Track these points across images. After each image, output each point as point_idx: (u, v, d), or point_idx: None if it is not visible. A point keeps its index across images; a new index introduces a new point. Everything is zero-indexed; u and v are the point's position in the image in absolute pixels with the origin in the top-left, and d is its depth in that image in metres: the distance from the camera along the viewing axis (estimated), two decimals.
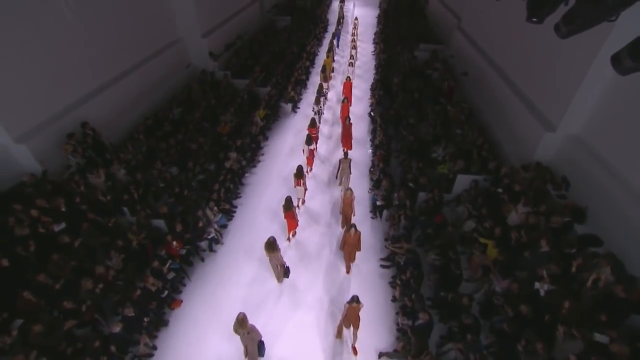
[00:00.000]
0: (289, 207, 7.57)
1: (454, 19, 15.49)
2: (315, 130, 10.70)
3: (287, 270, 7.20)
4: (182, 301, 6.89)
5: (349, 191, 7.85)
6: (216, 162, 9.55)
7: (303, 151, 9.94)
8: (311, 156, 10.15)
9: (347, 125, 10.60)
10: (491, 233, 6.76)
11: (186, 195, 8.18)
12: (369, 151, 11.08)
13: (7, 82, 6.93)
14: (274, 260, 6.83)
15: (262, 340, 5.69)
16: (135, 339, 5.79)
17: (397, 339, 6.16)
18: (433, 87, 12.65)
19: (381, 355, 5.93)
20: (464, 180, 8.19)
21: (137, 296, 6.02)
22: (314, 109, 12.21)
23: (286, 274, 7.20)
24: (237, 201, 9.23)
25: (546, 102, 7.90)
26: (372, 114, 12.55)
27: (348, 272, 7.41)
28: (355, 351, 5.99)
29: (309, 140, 9.69)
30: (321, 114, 12.70)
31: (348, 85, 13.04)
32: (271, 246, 6.61)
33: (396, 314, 6.54)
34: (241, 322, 5.29)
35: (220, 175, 8.93)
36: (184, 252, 7.33)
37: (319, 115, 12.26)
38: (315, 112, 12.05)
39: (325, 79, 14.19)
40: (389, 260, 7.56)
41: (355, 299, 5.59)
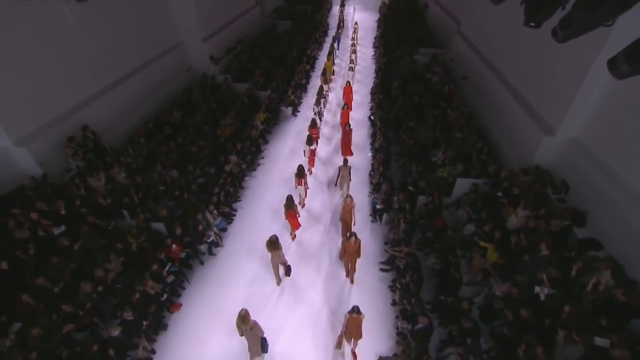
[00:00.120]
0: (290, 205, 7.61)
1: (454, 23, 15.58)
2: (316, 130, 10.77)
3: (289, 269, 7.23)
4: (181, 305, 6.88)
5: (348, 198, 7.70)
6: (216, 165, 9.57)
7: (304, 152, 10.01)
8: (312, 156, 10.22)
9: (347, 131, 10.52)
10: (491, 237, 6.75)
11: (186, 199, 8.19)
12: (369, 155, 11.09)
13: (8, 85, 6.96)
14: (275, 258, 6.81)
15: (265, 337, 5.69)
16: (134, 343, 5.76)
17: (397, 343, 6.12)
18: (433, 91, 12.69)
19: (381, 359, 5.89)
20: (463, 184, 8.19)
21: (136, 300, 6.02)
22: (315, 110, 12.32)
23: (287, 272, 7.23)
24: (237, 204, 9.24)
25: (545, 106, 7.92)
26: (372, 117, 12.57)
27: (352, 282, 7.27)
28: (354, 356, 5.97)
29: (309, 140, 9.78)
30: (321, 115, 12.79)
31: (348, 90, 12.99)
32: (273, 244, 6.60)
33: (396, 317, 6.51)
34: (243, 318, 5.27)
35: (220, 179, 8.94)
36: (183, 255, 7.32)
37: (319, 117, 12.32)
38: (315, 113, 12.16)
39: (326, 81, 14.32)
40: (388, 264, 7.54)
41: (356, 309, 5.45)
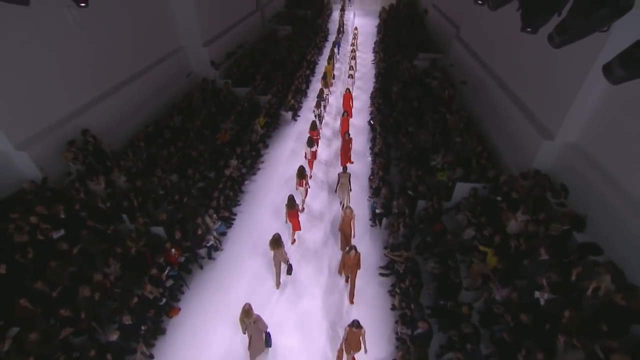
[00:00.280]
0: (292, 205, 7.70)
1: (453, 28, 15.67)
2: (317, 132, 10.89)
3: (290, 268, 7.33)
4: (180, 309, 6.85)
5: (348, 209, 7.53)
6: (216, 169, 9.58)
7: (305, 154, 10.11)
8: (313, 158, 10.31)
9: (347, 140, 10.33)
10: (490, 241, 6.73)
11: (186, 203, 8.19)
12: (369, 159, 11.10)
13: (9, 89, 6.99)
14: (278, 256, 6.91)
15: (269, 332, 5.80)
16: (132, 348, 5.72)
17: (396, 348, 6.09)
18: (432, 95, 12.74)
19: None
20: (463, 188, 8.19)
21: (135, 304, 5.99)
22: (315, 112, 12.43)
23: (289, 271, 7.32)
24: (236, 209, 9.23)
25: (544, 111, 7.94)
26: (371, 122, 12.60)
27: (352, 302, 6.97)
28: None
29: (310, 142, 9.90)
30: (322, 118, 12.93)
31: (347, 97, 12.84)
32: (276, 242, 6.74)
33: (395, 322, 6.48)
34: (247, 312, 5.40)
35: (220, 183, 8.95)
36: (182, 259, 7.31)
37: (319, 119, 12.43)
38: (316, 116, 12.26)
39: (326, 85, 14.44)
40: (388, 269, 7.52)
41: (356, 323, 5.32)
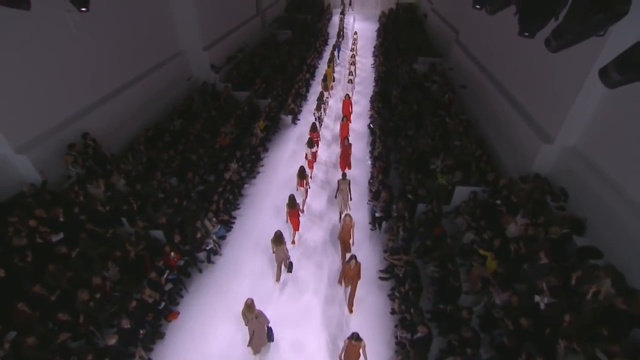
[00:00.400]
0: (292, 204, 7.83)
1: (452, 32, 15.73)
2: (317, 134, 11.04)
3: (291, 265, 7.45)
4: (179, 313, 6.83)
5: (347, 217, 7.43)
6: (216, 173, 9.58)
7: (306, 155, 10.23)
8: (313, 159, 10.45)
9: (347, 145, 10.23)
10: (490, 245, 6.72)
11: (185, 206, 8.19)
12: (368, 163, 11.11)
13: (9, 92, 7.00)
14: (279, 253, 7.05)
15: (271, 327, 5.92)
16: (131, 352, 5.69)
17: (396, 352, 6.05)
18: (432, 99, 12.77)
19: None
20: (462, 192, 8.18)
21: (133, 308, 5.98)
22: (315, 114, 12.58)
23: (289, 268, 7.44)
24: (236, 212, 9.23)
25: (543, 114, 7.95)
26: (371, 125, 12.63)
27: (350, 311, 6.88)
28: None
29: (310, 143, 10.04)
30: (322, 120, 13.07)
31: (347, 102, 12.76)
32: (278, 239, 6.91)
33: (395, 326, 6.46)
34: (249, 307, 5.50)
35: (220, 187, 8.95)
36: (182, 263, 7.29)
37: (319, 121, 12.56)
38: (316, 118, 12.38)
39: (326, 87, 14.55)
40: (387, 272, 7.50)
41: (355, 336, 5.24)
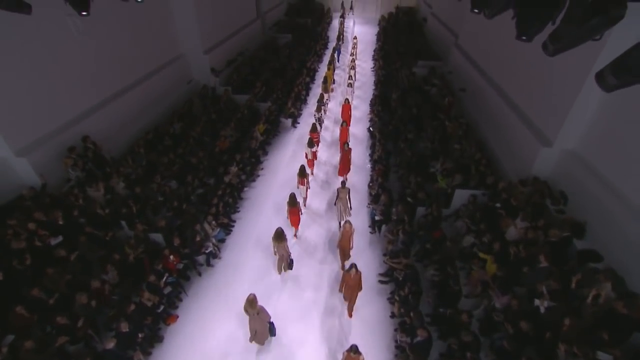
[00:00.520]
0: (293, 203, 7.91)
1: (451, 36, 15.80)
2: (317, 134, 11.12)
3: (291, 263, 7.48)
4: (177, 316, 6.81)
5: (347, 224, 7.25)
6: (215, 176, 9.59)
7: (306, 154, 10.30)
8: (313, 158, 10.53)
9: (346, 151, 10.06)
10: (490, 248, 6.71)
11: (185, 209, 8.19)
12: (368, 166, 11.12)
13: (9, 95, 7.02)
14: (280, 250, 7.12)
15: (272, 322, 6.00)
16: (129, 356, 5.64)
17: (396, 356, 6.04)
18: (431, 102, 12.80)
19: None
20: (462, 195, 8.18)
21: (132, 311, 5.95)
22: (315, 116, 12.68)
23: (290, 266, 7.47)
24: (235, 215, 9.22)
25: (542, 118, 7.96)
26: (371, 129, 12.65)
27: (350, 316, 6.82)
28: None
29: (310, 143, 10.11)
30: (322, 121, 13.17)
31: (346, 107, 12.62)
32: (279, 236, 6.97)
33: (394, 330, 6.43)
34: (251, 303, 5.55)
35: (219, 190, 8.95)
36: (181, 266, 7.27)
37: (319, 122, 12.66)
38: (316, 119, 12.47)
39: (326, 90, 14.63)
40: (387, 276, 7.49)
41: (354, 348, 5.15)
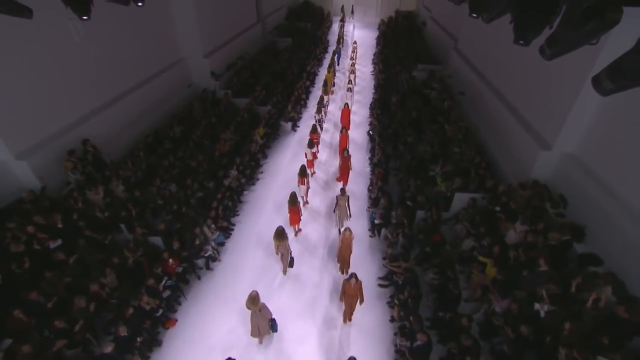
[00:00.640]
0: (294, 202, 8.04)
1: (451, 40, 15.86)
2: (317, 135, 11.23)
3: (292, 261, 7.61)
4: (176, 320, 6.78)
5: (347, 231, 7.14)
6: (215, 179, 9.59)
7: (305, 154, 10.40)
8: (313, 158, 10.64)
9: (346, 157, 9.91)
10: (490, 251, 6.69)
11: (184, 213, 8.18)
12: (368, 169, 11.14)
13: (9, 98, 7.03)
14: (282, 248, 7.22)
15: (274, 318, 6.12)
16: None
17: None
18: (431, 106, 12.84)
19: None
20: (462, 199, 8.19)
21: (131, 315, 5.93)
22: (316, 117, 12.81)
23: (291, 263, 7.61)
24: (235, 219, 9.22)
25: (541, 121, 7.98)
26: (370, 132, 12.68)
27: (349, 320, 6.66)
28: None
29: (310, 144, 10.20)
30: (322, 122, 13.29)
31: (346, 112, 12.57)
32: (280, 235, 7.10)
33: (394, 334, 6.40)
34: (253, 300, 5.62)
35: (219, 193, 8.95)
36: (180, 270, 7.26)
37: (320, 124, 12.78)
38: (316, 121, 12.56)
39: (326, 92, 14.73)
40: (386, 280, 7.47)
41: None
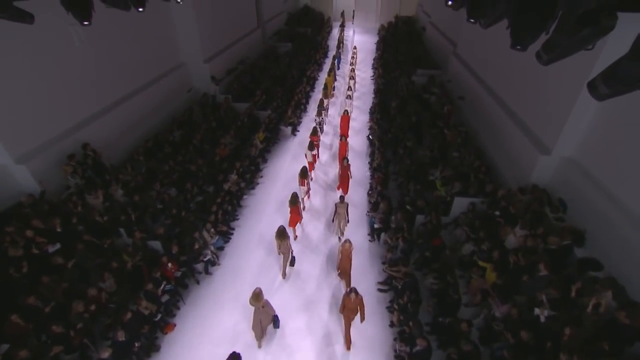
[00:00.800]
0: (295, 202, 8.14)
1: (450, 45, 15.94)
2: (317, 138, 11.29)
3: (293, 260, 7.76)
4: (175, 325, 6.75)
5: (347, 243, 7.08)
6: (215, 184, 9.60)
7: (305, 156, 10.47)
8: (313, 160, 10.71)
9: (345, 166, 9.71)
10: (490, 256, 6.67)
11: (184, 217, 8.17)
12: (367, 174, 11.14)
13: (10, 102, 7.07)
14: (283, 247, 7.34)
15: (277, 315, 6.23)
16: None
17: None
18: (430, 110, 12.87)
19: None
20: (461, 203, 8.18)
21: (129, 320, 5.90)
22: (316, 120, 12.94)
23: (292, 262, 7.73)
24: (234, 223, 9.21)
25: (540, 125, 7.99)
26: (370, 137, 12.70)
27: (348, 348, 6.32)
28: None
29: (311, 146, 10.28)
30: (322, 125, 13.38)
31: (345, 119, 12.39)
32: (282, 234, 7.24)
33: (394, 339, 6.37)
34: (257, 296, 5.72)
35: (219, 197, 8.95)
36: (179, 274, 7.24)
37: (320, 126, 12.87)
38: (317, 123, 12.65)
39: (327, 95, 14.82)
40: (386, 284, 7.44)
41: None
